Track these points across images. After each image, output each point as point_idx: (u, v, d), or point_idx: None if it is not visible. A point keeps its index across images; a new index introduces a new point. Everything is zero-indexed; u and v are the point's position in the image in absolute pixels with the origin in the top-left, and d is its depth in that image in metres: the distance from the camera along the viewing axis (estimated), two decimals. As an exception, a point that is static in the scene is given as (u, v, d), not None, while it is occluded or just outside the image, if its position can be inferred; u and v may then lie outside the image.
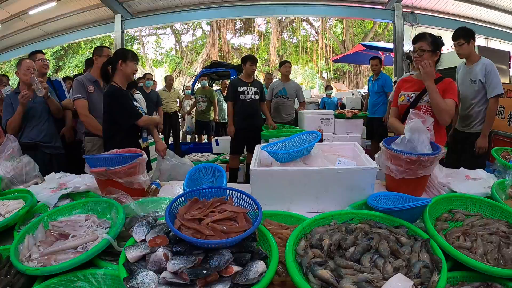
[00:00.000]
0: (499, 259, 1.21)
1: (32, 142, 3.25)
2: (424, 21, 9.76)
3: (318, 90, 19.09)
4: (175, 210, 1.29)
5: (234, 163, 5.00)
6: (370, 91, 6.17)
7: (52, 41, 11.77)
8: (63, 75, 15.36)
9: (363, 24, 21.82)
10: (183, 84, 15.55)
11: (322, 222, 1.41)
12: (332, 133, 5.38)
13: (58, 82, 4.02)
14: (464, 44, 3.30)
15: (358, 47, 12.88)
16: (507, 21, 10.43)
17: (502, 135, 4.58)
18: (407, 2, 9.49)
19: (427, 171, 1.80)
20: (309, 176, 1.68)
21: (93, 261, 1.27)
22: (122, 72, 2.84)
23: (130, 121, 2.80)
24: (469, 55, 3.42)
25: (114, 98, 2.77)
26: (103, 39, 18.89)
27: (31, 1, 9.37)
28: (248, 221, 1.26)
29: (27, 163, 2.35)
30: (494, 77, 3.28)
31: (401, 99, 2.66)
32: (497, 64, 5.35)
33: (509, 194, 1.74)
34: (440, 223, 1.49)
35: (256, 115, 4.94)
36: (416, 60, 2.51)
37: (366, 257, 1.15)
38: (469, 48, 3.35)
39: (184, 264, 1.04)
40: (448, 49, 9.60)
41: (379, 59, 6.14)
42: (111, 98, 2.78)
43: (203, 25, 22.80)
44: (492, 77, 3.28)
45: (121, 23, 10.29)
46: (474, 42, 3.36)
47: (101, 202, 1.65)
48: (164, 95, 7.85)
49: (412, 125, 1.90)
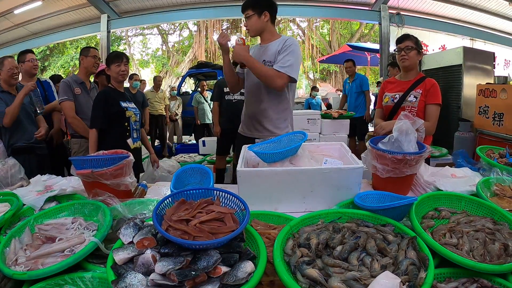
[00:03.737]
0: (485, 255, 1.23)
1: (28, 144, 3.19)
2: (410, 22, 9.89)
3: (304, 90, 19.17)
4: (162, 211, 1.28)
5: (220, 164, 4.99)
6: (348, 93, 6.41)
7: (37, 40, 11.62)
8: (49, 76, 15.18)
9: (350, 25, 22.02)
10: (169, 85, 15.49)
11: (309, 222, 1.41)
12: (318, 133, 5.39)
13: (47, 83, 3.97)
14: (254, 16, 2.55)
15: (344, 48, 13.00)
16: (492, 23, 10.65)
17: (486, 134, 4.67)
18: (393, 3, 9.61)
19: (413, 170, 1.82)
20: (296, 176, 1.69)
21: (80, 264, 1.25)
22: (114, 74, 2.95)
23: (90, 125, 2.91)
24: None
25: (94, 100, 2.95)
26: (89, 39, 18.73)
27: (17, 0, 9.23)
28: (236, 221, 1.26)
29: (12, 166, 2.31)
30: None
31: (385, 100, 2.71)
32: (482, 64, 5.50)
33: (494, 191, 1.78)
34: (426, 221, 1.51)
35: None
36: (403, 58, 2.55)
37: (354, 256, 1.16)
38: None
39: (172, 266, 1.03)
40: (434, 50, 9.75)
41: (352, 61, 6.44)
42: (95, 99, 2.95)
43: (190, 25, 22.76)
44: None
45: (107, 23, 10.21)
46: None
47: (87, 205, 1.63)
48: (151, 95, 7.80)
49: (400, 125, 1.92)
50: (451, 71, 5.63)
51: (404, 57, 2.55)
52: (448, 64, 5.70)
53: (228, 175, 5.05)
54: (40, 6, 9.62)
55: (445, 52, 7.03)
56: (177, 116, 8.98)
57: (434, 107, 2.51)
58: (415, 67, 2.65)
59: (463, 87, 5.35)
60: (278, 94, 2.57)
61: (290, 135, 2.09)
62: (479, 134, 4.83)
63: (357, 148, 6.17)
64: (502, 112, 4.40)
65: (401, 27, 9.63)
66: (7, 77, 3.11)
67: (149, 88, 8.61)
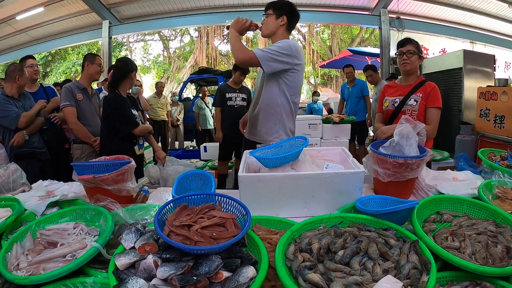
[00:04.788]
0: (488, 258, 1.23)
1: (31, 149, 3.22)
2: (410, 26, 9.89)
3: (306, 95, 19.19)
4: (164, 216, 1.28)
5: (222, 169, 5.00)
6: (347, 98, 6.42)
7: (39, 46, 11.62)
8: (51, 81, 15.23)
9: (350, 30, 22.10)
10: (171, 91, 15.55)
11: (311, 226, 1.41)
12: (320, 138, 5.40)
13: (51, 89, 4.01)
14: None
15: (345, 53, 13.03)
16: (492, 25, 10.65)
17: (488, 137, 4.67)
18: (393, 7, 9.61)
19: (414, 174, 1.82)
20: (298, 181, 1.69)
21: (82, 270, 1.25)
22: (131, 81, 3.04)
23: (128, 129, 2.91)
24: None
25: (116, 105, 2.89)
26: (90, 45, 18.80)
27: (19, 6, 9.26)
28: (237, 226, 1.26)
29: (14, 171, 2.31)
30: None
31: (385, 104, 2.72)
32: (482, 67, 5.50)
33: (496, 194, 1.77)
34: (428, 225, 1.50)
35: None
36: (404, 62, 2.56)
37: (356, 260, 1.16)
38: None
39: (174, 271, 1.03)
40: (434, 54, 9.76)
41: (352, 66, 6.43)
42: (113, 105, 2.90)
43: (191, 31, 22.83)
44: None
45: (109, 29, 10.21)
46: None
47: (89, 210, 1.63)
48: (153, 101, 7.83)
49: (401, 129, 1.92)
50: (452, 74, 5.64)
51: (406, 61, 2.56)
52: (448, 67, 5.71)
53: (229, 181, 5.05)
54: (42, 12, 9.64)
55: (445, 56, 7.04)
56: (178, 122, 9.01)
57: (434, 110, 2.51)
58: (416, 71, 2.66)
59: (464, 90, 5.35)
60: (270, 99, 2.57)
61: (291, 140, 2.09)
62: (480, 137, 4.82)
63: (357, 153, 6.19)
64: (503, 114, 4.40)
65: (401, 31, 9.63)
66: (24, 84, 3.30)
67: (151, 94, 8.63)
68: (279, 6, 2.52)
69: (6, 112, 3.13)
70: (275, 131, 2.61)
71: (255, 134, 2.71)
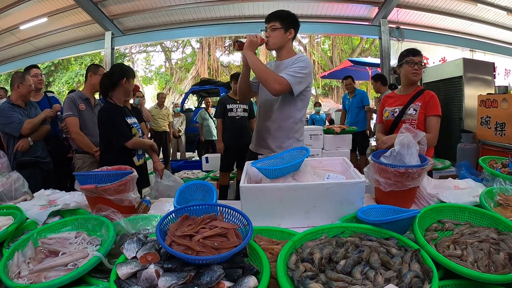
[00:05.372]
0: (490, 266, 1.22)
1: (34, 159, 3.24)
2: (410, 36, 9.94)
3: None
4: (165, 227, 1.28)
5: (224, 180, 4.99)
6: (348, 108, 6.46)
7: (42, 56, 11.71)
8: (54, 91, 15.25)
9: (350, 40, 22.21)
10: (173, 102, 15.62)
11: (312, 237, 1.41)
12: (321, 148, 5.41)
13: (55, 99, 4.03)
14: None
15: (345, 63, 13.04)
16: (491, 33, 10.71)
17: (489, 144, 4.67)
18: (393, 18, 9.68)
19: (415, 183, 1.82)
20: (299, 191, 1.69)
21: (83, 279, 1.25)
22: (124, 89, 2.89)
23: (120, 141, 2.80)
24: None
25: (109, 116, 2.80)
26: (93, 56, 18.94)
27: (23, 16, 9.37)
28: (239, 237, 1.26)
29: (16, 179, 2.32)
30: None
31: (385, 115, 2.74)
32: (482, 75, 5.53)
33: (497, 201, 1.76)
34: (429, 233, 1.50)
35: (245, 132, 4.95)
36: (415, 72, 2.57)
37: (357, 269, 1.16)
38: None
39: (176, 281, 1.04)
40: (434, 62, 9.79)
41: (351, 77, 6.49)
42: (106, 116, 2.82)
43: (192, 42, 22.99)
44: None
45: (112, 40, 10.30)
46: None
47: (91, 219, 1.63)
48: (155, 112, 7.86)
49: (401, 138, 1.93)
50: (452, 83, 5.67)
51: (417, 71, 2.58)
52: (448, 76, 5.74)
53: (231, 192, 5.04)
54: (45, 22, 9.74)
55: (445, 65, 7.08)
56: (180, 133, 9.02)
57: (434, 118, 2.53)
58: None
59: (464, 98, 5.38)
60: (287, 115, 2.54)
61: (292, 151, 2.10)
62: (481, 145, 4.83)
63: (359, 163, 6.19)
64: (504, 122, 4.41)
65: (401, 41, 9.68)
66: (26, 92, 3.30)
67: (153, 104, 8.67)
68: (286, 19, 2.48)
69: (9, 119, 3.18)
70: (288, 145, 2.55)
71: (263, 147, 2.65)
